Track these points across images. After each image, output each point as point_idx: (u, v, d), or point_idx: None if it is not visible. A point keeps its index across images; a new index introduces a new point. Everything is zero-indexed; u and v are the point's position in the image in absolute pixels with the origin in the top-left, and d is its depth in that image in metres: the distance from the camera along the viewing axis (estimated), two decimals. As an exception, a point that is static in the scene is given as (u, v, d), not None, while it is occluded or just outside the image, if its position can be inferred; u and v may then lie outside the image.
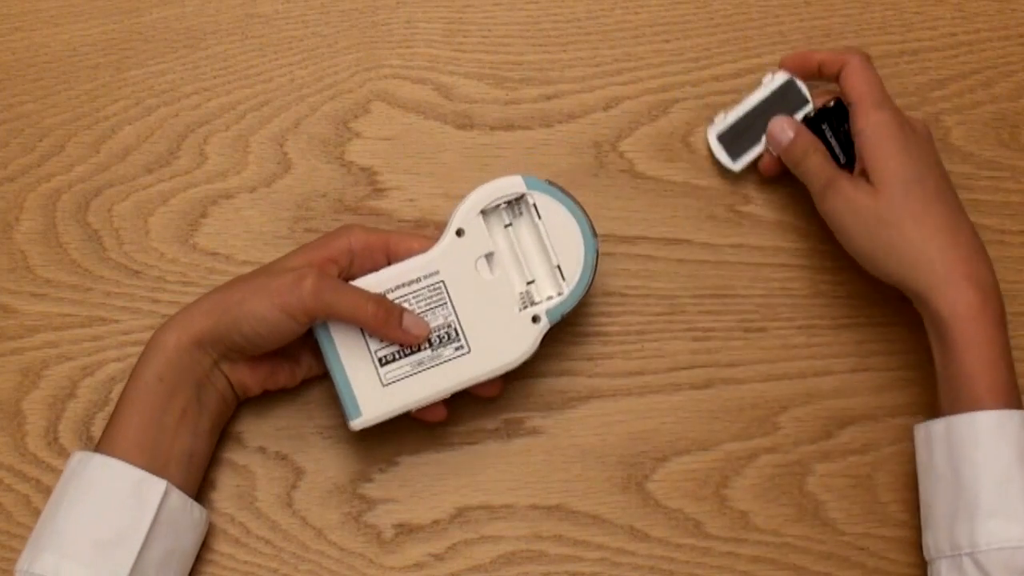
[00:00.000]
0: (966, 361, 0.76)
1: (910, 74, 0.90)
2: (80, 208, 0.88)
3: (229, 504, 0.85)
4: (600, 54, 0.90)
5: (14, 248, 0.88)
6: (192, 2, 0.91)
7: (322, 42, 0.90)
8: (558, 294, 0.81)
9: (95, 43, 0.90)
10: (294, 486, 0.86)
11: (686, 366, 0.87)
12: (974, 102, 0.90)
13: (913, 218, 0.79)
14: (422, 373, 0.80)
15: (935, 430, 0.78)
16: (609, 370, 0.87)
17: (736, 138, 0.88)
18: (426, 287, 0.80)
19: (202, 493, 0.84)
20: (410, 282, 0.80)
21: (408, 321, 0.79)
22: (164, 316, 0.87)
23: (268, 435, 0.86)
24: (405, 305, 0.80)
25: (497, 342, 0.80)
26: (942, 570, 0.77)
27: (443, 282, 0.80)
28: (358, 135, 0.89)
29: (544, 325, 0.80)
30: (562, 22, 0.91)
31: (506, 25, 0.91)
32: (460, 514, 0.86)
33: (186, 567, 0.80)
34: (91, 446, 0.85)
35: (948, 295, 0.77)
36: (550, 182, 0.81)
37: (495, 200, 0.80)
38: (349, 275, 0.81)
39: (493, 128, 0.89)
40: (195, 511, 0.80)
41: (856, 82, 0.82)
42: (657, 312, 0.88)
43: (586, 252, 0.80)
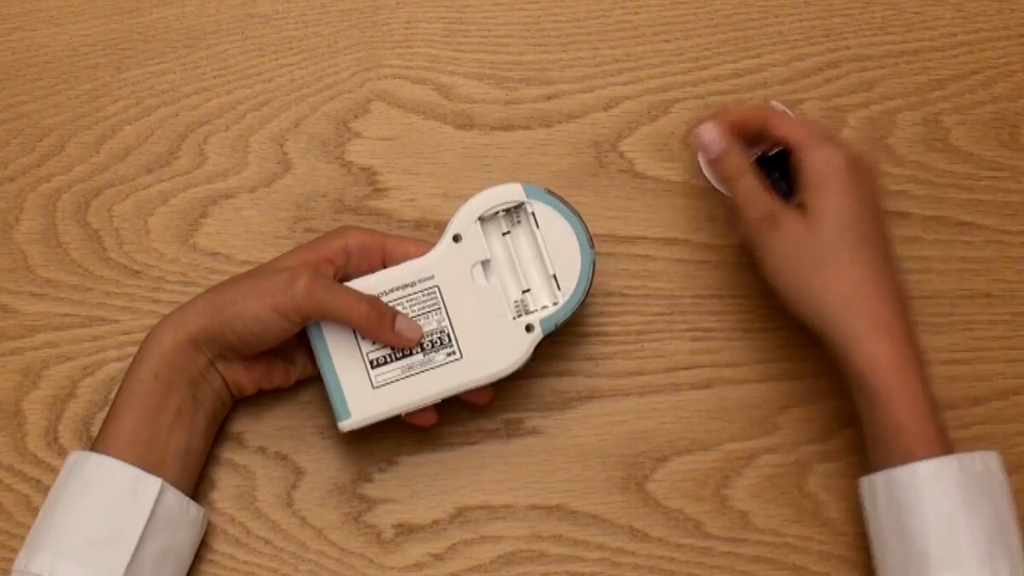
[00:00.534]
0: (895, 413, 0.75)
1: (910, 74, 0.90)
2: (80, 208, 0.88)
3: (229, 504, 0.85)
4: (600, 54, 0.90)
5: (14, 248, 0.88)
6: (192, 2, 0.91)
7: (322, 42, 0.90)
8: (553, 304, 0.81)
9: (95, 43, 0.90)
10: (294, 486, 0.86)
11: (686, 366, 0.87)
12: (974, 102, 0.90)
13: (842, 263, 0.77)
14: (413, 377, 0.80)
15: (877, 483, 0.77)
16: (609, 370, 0.87)
17: None
18: (420, 291, 0.80)
19: (202, 493, 0.84)
20: (405, 286, 0.80)
21: (401, 324, 0.79)
22: (164, 316, 0.87)
23: (268, 435, 0.86)
24: (399, 308, 0.80)
25: (489, 349, 0.80)
26: None
27: (438, 287, 0.80)
28: (358, 135, 0.89)
29: (537, 335, 0.80)
30: (562, 22, 0.91)
31: (506, 25, 0.91)
32: (460, 514, 0.86)
33: (184, 565, 0.80)
34: (90, 446, 0.85)
35: (868, 348, 0.76)
36: (550, 191, 0.80)
37: (494, 207, 0.80)
38: (345, 276, 0.81)
39: (493, 128, 0.89)
40: (192, 509, 0.80)
41: (792, 124, 0.80)
42: (657, 312, 0.88)
43: (583, 263, 0.80)
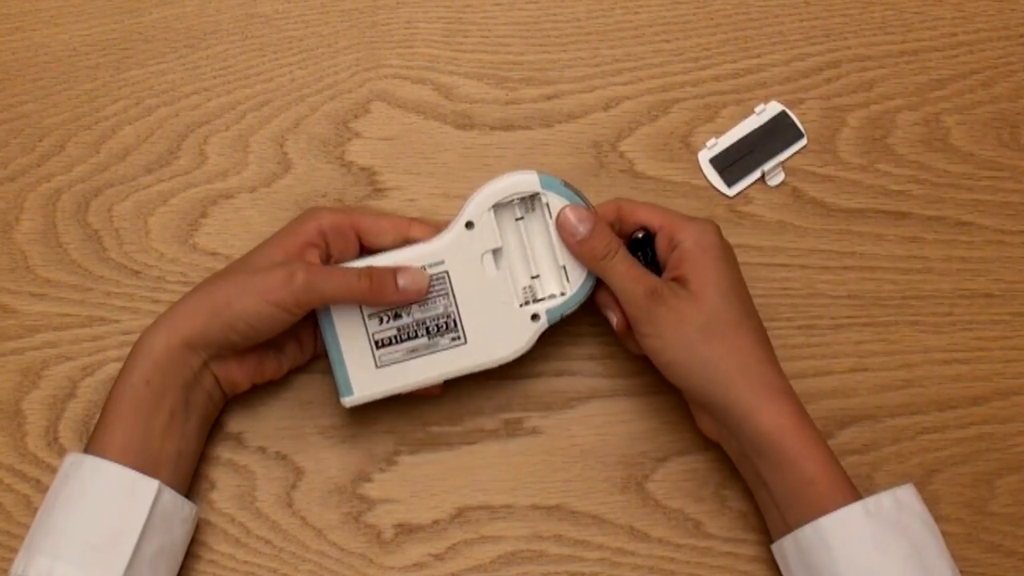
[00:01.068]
0: (806, 468, 0.76)
1: (910, 74, 0.90)
2: (80, 208, 0.88)
3: (229, 504, 0.85)
4: (600, 54, 0.90)
5: (14, 248, 0.88)
6: (192, 2, 0.91)
7: (322, 42, 0.90)
8: (560, 294, 0.81)
9: (95, 43, 0.90)
10: (294, 486, 0.86)
11: (686, 366, 0.87)
12: (974, 102, 0.90)
13: (730, 330, 0.77)
14: (416, 359, 0.80)
15: (786, 548, 0.77)
16: (609, 370, 0.87)
17: (730, 164, 0.88)
18: (430, 276, 0.80)
19: (202, 493, 0.84)
20: None
21: (404, 280, 0.79)
22: (155, 320, 0.87)
23: (268, 435, 0.86)
24: None
25: (494, 336, 0.80)
26: None
27: (447, 272, 0.80)
28: (358, 135, 0.89)
29: (543, 324, 0.81)
30: (562, 22, 0.91)
31: (506, 25, 0.91)
32: (460, 514, 0.86)
33: (177, 561, 0.80)
34: (83, 449, 0.86)
35: (772, 410, 0.76)
36: (565, 183, 0.80)
37: (508, 197, 0.80)
38: (326, 257, 0.81)
39: (493, 128, 0.89)
40: (185, 507, 0.80)
41: (650, 208, 0.81)
42: (657, 312, 0.88)
43: None
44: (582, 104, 0.90)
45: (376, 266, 0.79)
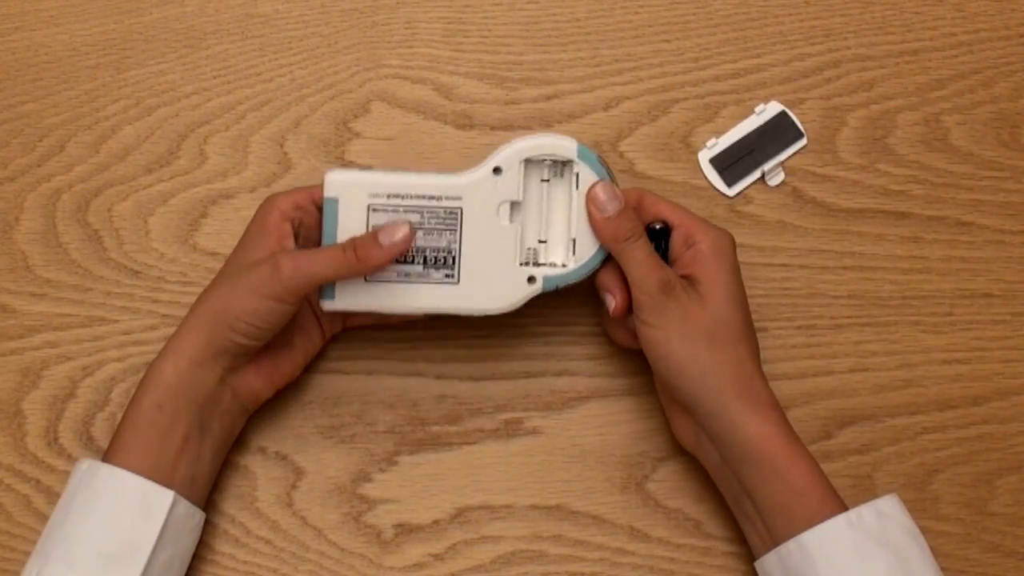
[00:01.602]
0: (794, 479, 0.76)
1: (910, 74, 0.90)
2: (80, 208, 0.88)
3: (229, 504, 0.85)
4: (600, 54, 0.90)
5: (14, 248, 0.88)
6: (192, 2, 0.91)
7: (322, 42, 0.90)
8: (563, 265, 0.81)
9: (95, 43, 0.90)
10: (294, 486, 0.86)
11: (686, 366, 0.87)
12: (974, 102, 0.90)
13: (732, 340, 0.78)
14: (405, 284, 0.80)
15: (770, 564, 0.77)
16: (609, 370, 0.87)
17: (730, 164, 0.88)
18: (443, 208, 0.79)
19: (202, 493, 0.84)
20: (430, 196, 0.79)
21: (384, 237, 0.78)
22: (164, 316, 0.87)
23: (268, 435, 0.86)
24: (414, 218, 0.79)
25: (486, 285, 0.80)
26: None
27: (460, 210, 0.80)
28: (358, 135, 0.89)
29: (537, 288, 0.80)
30: (562, 22, 0.91)
31: (506, 25, 0.91)
32: (460, 514, 0.86)
33: (185, 567, 0.80)
34: (91, 446, 0.86)
35: (758, 419, 0.77)
36: (601, 160, 0.80)
37: (543, 155, 0.80)
38: (302, 236, 0.81)
39: (493, 128, 0.89)
40: (196, 516, 0.80)
41: (672, 205, 0.81)
42: (657, 312, 0.88)
43: None
44: (582, 104, 0.90)
45: (357, 236, 0.78)
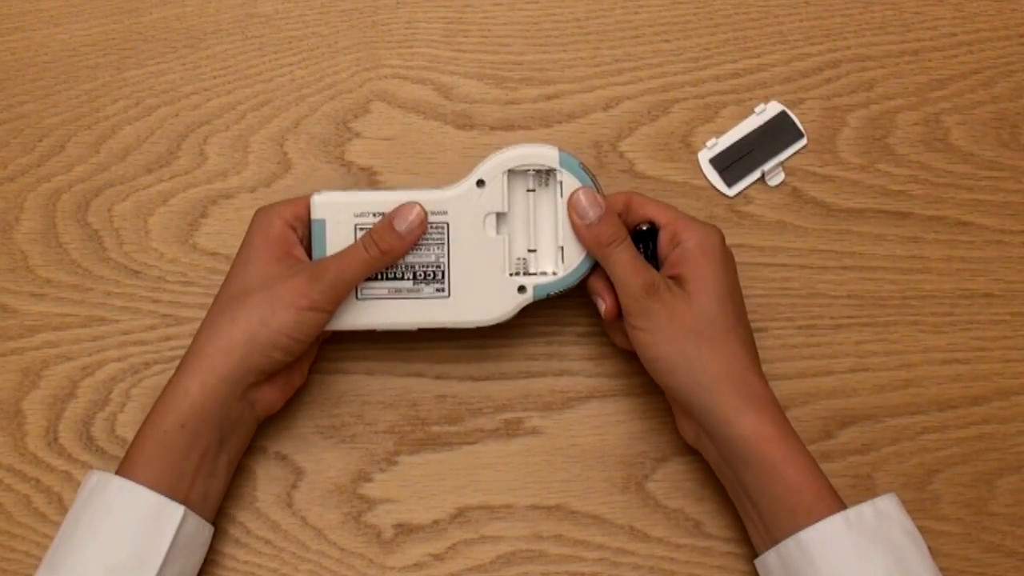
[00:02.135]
0: (790, 477, 0.76)
1: (910, 74, 0.90)
2: (80, 208, 0.88)
3: (229, 504, 0.85)
4: (600, 54, 0.90)
5: (14, 248, 0.88)
6: (192, 2, 0.91)
7: (322, 42, 0.90)
8: (553, 273, 0.81)
9: (95, 43, 0.90)
10: (294, 486, 0.86)
11: (686, 366, 0.87)
12: (974, 102, 0.90)
13: (721, 336, 0.78)
14: (397, 300, 0.81)
15: (770, 563, 0.77)
16: (609, 370, 0.87)
17: (730, 164, 0.88)
18: (429, 223, 0.80)
19: (202, 493, 0.84)
20: None
21: (400, 225, 0.79)
22: (164, 316, 0.87)
23: (268, 435, 0.86)
24: None
25: (477, 297, 0.81)
26: None
27: (447, 224, 0.80)
28: (358, 135, 0.89)
29: (528, 297, 0.80)
30: (562, 22, 0.91)
31: (506, 25, 0.91)
32: (460, 514, 0.86)
33: None
34: (91, 446, 0.86)
35: (753, 417, 0.77)
36: (584, 166, 0.80)
37: (525, 166, 0.80)
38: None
39: (493, 128, 0.89)
40: (205, 531, 0.80)
41: (658, 204, 0.81)
42: (657, 312, 0.88)
43: None
44: (582, 104, 0.90)
45: (374, 228, 0.79)
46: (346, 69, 0.90)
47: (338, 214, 0.80)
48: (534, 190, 0.81)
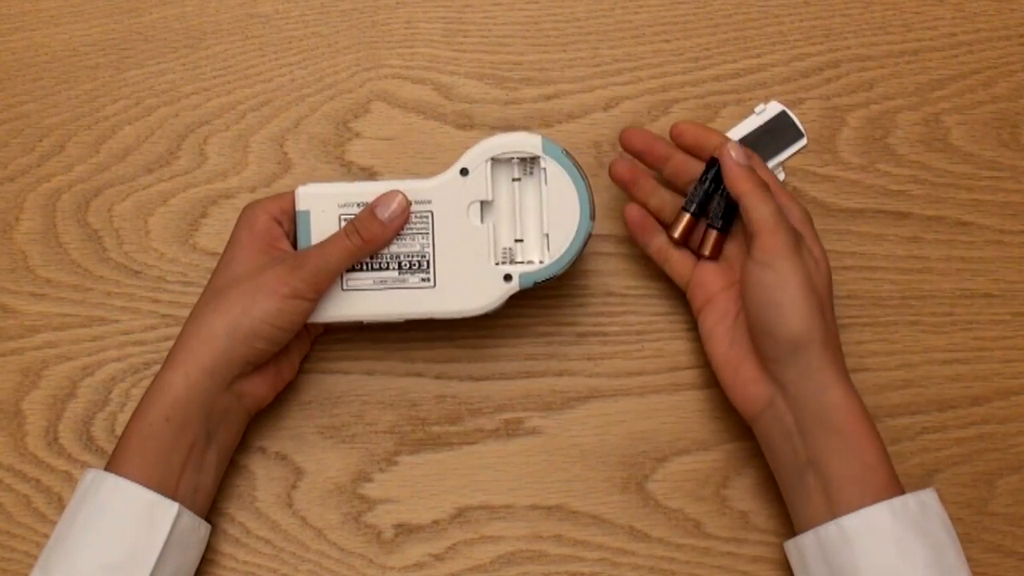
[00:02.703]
0: (869, 453, 0.77)
1: (910, 74, 0.90)
2: (80, 208, 0.88)
3: (229, 504, 0.85)
4: (600, 54, 0.90)
5: (14, 248, 0.88)
6: (192, 2, 0.91)
7: (322, 42, 0.90)
8: (540, 262, 0.81)
9: (95, 43, 0.90)
10: (294, 486, 0.86)
11: (686, 366, 0.87)
12: (974, 102, 0.90)
13: (831, 307, 0.79)
14: (382, 291, 0.80)
15: (806, 544, 0.77)
16: (609, 370, 0.87)
17: None
18: (413, 213, 0.80)
19: (202, 493, 0.84)
20: None
21: (383, 212, 0.79)
22: (164, 316, 0.87)
23: (268, 435, 0.86)
24: None
25: (463, 287, 0.81)
26: None
27: (432, 213, 0.80)
28: (358, 135, 0.89)
29: (514, 286, 0.80)
30: (562, 22, 0.91)
31: (506, 25, 0.91)
32: (460, 514, 0.86)
33: None
34: (91, 446, 0.86)
35: (847, 387, 0.78)
36: (567, 153, 0.80)
37: (508, 153, 0.80)
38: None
39: (493, 128, 0.89)
40: (201, 528, 0.80)
41: (771, 176, 0.82)
42: (657, 312, 0.88)
43: (578, 231, 0.80)
44: (582, 104, 0.90)
45: (357, 216, 0.79)
46: (346, 69, 0.90)
47: (322, 205, 0.80)
48: (519, 179, 0.81)
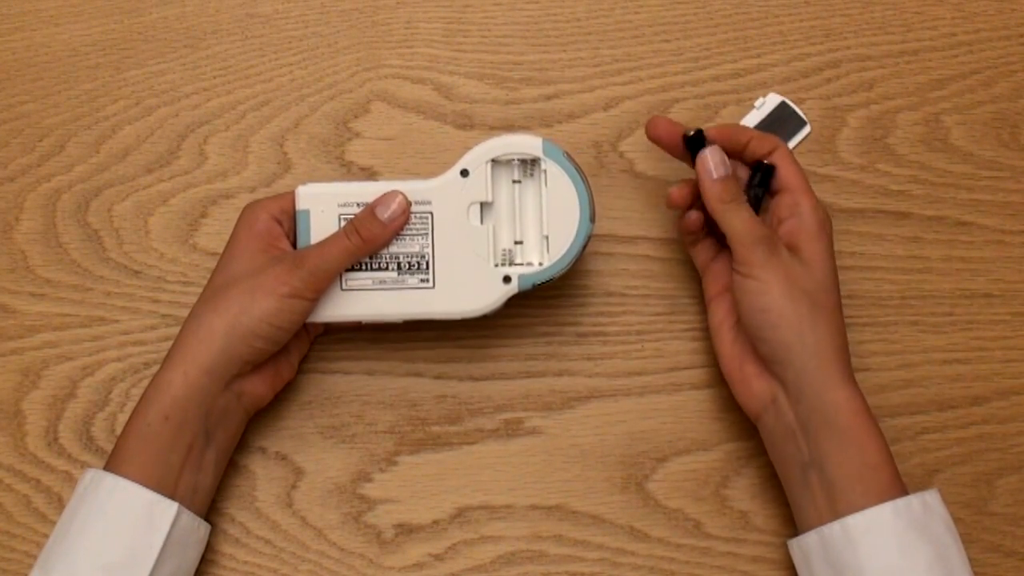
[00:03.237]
0: (871, 453, 0.77)
1: (910, 74, 0.90)
2: (80, 208, 0.88)
3: (229, 504, 0.85)
4: (600, 54, 0.90)
5: (14, 248, 0.88)
6: (192, 2, 0.91)
7: (322, 42, 0.90)
8: (539, 264, 0.81)
9: (95, 43, 0.90)
10: (294, 486, 0.86)
11: (686, 366, 0.87)
12: (974, 102, 0.90)
13: (833, 308, 0.79)
14: (381, 291, 0.80)
15: (810, 544, 0.77)
16: (609, 370, 0.87)
17: None
18: (413, 213, 0.80)
19: (202, 493, 0.84)
20: None
21: (383, 212, 0.79)
22: (164, 316, 0.87)
23: (268, 435, 0.86)
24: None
25: (462, 288, 0.80)
26: None
27: (431, 214, 0.80)
28: (358, 135, 0.89)
29: (513, 288, 0.80)
30: (562, 22, 0.91)
31: (506, 25, 0.91)
32: (460, 514, 0.86)
33: None
34: (91, 446, 0.86)
35: (850, 389, 0.78)
36: (568, 156, 0.80)
37: (508, 155, 0.80)
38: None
39: (493, 128, 0.89)
40: (201, 529, 0.80)
41: (795, 168, 0.81)
42: (657, 312, 0.88)
43: (577, 233, 0.80)
44: (582, 104, 0.90)
45: (357, 216, 0.80)
46: (346, 69, 0.90)
47: (322, 205, 0.81)
48: (519, 181, 0.81)
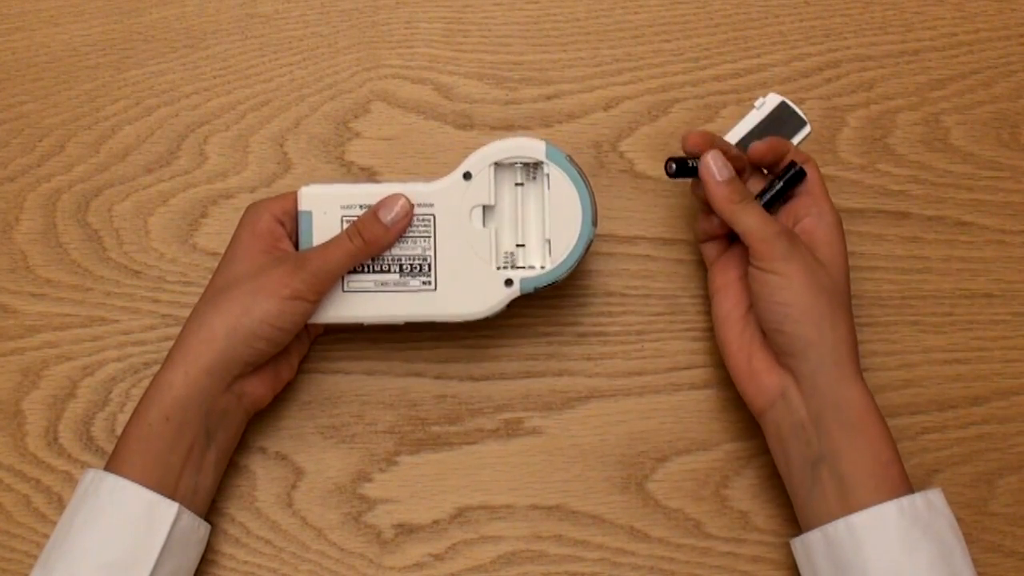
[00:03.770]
0: (883, 449, 0.77)
1: (910, 74, 0.90)
2: (80, 208, 0.88)
3: (229, 504, 0.85)
4: (600, 54, 0.90)
5: (14, 248, 0.88)
6: (192, 2, 0.91)
7: (322, 42, 0.90)
8: (541, 267, 0.81)
9: (95, 43, 0.90)
10: (294, 486, 0.86)
11: (686, 366, 0.87)
12: (974, 102, 0.90)
13: (848, 307, 0.79)
14: (383, 293, 0.81)
15: (813, 542, 0.77)
16: (609, 370, 0.87)
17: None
18: (415, 216, 0.80)
19: (202, 493, 0.84)
20: None
21: (386, 215, 0.79)
22: (164, 316, 0.87)
23: (268, 435, 0.86)
24: None
25: (464, 291, 0.81)
26: None
27: (433, 216, 0.80)
28: (358, 135, 0.89)
29: (514, 291, 0.80)
30: (562, 22, 0.91)
31: (506, 25, 0.91)
32: (460, 514, 0.86)
33: None
34: (91, 446, 0.86)
35: (863, 385, 0.78)
36: (571, 159, 0.80)
37: (511, 158, 0.80)
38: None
39: (493, 128, 0.89)
40: (201, 528, 0.80)
41: (822, 179, 0.82)
42: (657, 312, 0.88)
43: (580, 238, 0.80)
44: (582, 104, 0.90)
45: (359, 218, 0.80)
46: (346, 69, 0.90)
47: (325, 206, 0.81)
48: (522, 184, 0.81)
